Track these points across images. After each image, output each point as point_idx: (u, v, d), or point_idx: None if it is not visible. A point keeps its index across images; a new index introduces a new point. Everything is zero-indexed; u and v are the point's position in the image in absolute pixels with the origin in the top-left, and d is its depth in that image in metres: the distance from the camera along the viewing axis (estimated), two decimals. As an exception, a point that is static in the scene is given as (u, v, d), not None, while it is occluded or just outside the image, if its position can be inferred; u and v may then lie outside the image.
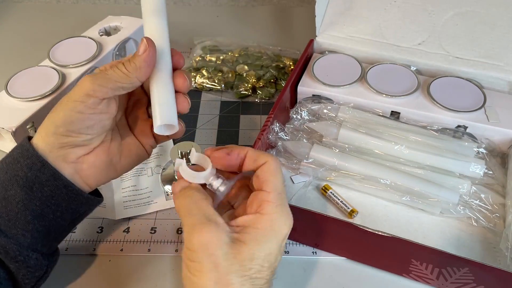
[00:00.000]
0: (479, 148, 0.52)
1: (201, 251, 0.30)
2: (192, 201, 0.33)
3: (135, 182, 0.54)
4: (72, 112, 0.36)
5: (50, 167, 0.36)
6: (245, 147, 0.36)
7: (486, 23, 0.58)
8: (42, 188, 0.36)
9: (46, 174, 0.36)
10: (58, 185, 0.37)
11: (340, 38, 0.64)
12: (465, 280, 0.41)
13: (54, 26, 0.85)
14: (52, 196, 0.37)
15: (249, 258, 0.31)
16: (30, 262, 0.37)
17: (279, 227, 0.33)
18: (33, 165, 0.36)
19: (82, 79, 0.36)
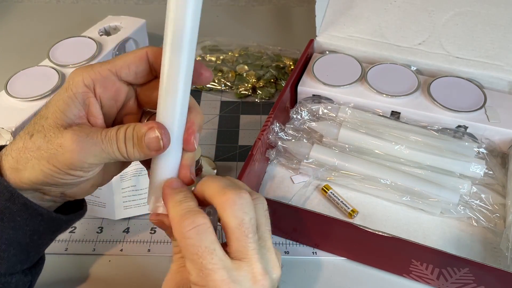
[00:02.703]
0: (479, 148, 0.52)
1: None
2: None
3: (135, 182, 0.54)
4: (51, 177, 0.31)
5: (21, 197, 0.32)
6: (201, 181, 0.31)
7: (486, 23, 0.58)
8: (13, 218, 0.32)
9: (17, 204, 0.32)
10: (31, 214, 0.33)
11: (340, 38, 0.64)
12: (465, 280, 0.41)
13: (54, 26, 0.85)
14: (27, 224, 0.33)
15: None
16: (11, 285, 0.35)
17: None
18: (1, 195, 0.32)
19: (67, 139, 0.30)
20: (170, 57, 0.29)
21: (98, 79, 0.32)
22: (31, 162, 0.31)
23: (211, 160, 0.57)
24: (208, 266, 0.27)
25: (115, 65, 0.32)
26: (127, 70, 0.32)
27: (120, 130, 0.31)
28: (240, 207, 0.28)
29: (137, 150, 0.31)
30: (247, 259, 0.28)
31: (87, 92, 0.32)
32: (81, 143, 0.30)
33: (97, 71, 0.32)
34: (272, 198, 0.44)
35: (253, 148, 0.49)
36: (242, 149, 0.60)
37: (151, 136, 0.30)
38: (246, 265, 0.28)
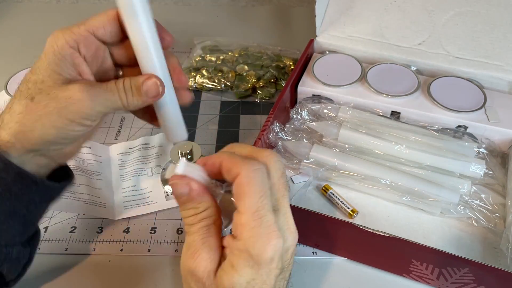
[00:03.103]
0: (479, 148, 0.52)
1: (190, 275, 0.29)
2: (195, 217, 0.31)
3: (135, 182, 0.54)
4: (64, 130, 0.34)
5: (14, 166, 0.33)
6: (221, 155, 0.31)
7: (486, 23, 0.58)
8: (9, 188, 0.34)
9: (11, 174, 0.34)
10: (26, 183, 0.35)
11: (340, 38, 0.64)
12: (465, 280, 0.41)
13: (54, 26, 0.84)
14: (22, 194, 0.35)
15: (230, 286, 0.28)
16: (12, 256, 0.36)
17: (257, 253, 0.28)
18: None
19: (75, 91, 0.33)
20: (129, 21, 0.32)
21: (80, 40, 0.34)
22: (41, 121, 0.33)
23: None
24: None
25: (91, 25, 0.34)
26: (102, 30, 0.35)
27: (118, 82, 0.34)
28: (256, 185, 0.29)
29: (136, 98, 0.34)
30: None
31: (74, 52, 0.34)
32: (89, 93, 0.33)
33: (77, 32, 0.34)
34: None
35: (253, 148, 0.49)
36: (242, 149, 0.60)
37: (149, 84, 0.33)
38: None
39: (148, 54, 0.33)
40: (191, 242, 0.30)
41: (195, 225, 0.30)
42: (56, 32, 0.35)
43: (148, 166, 0.56)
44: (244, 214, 0.29)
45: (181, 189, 0.30)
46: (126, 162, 0.55)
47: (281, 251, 0.29)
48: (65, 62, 0.34)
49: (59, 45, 0.34)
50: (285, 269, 0.31)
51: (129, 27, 0.33)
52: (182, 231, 0.50)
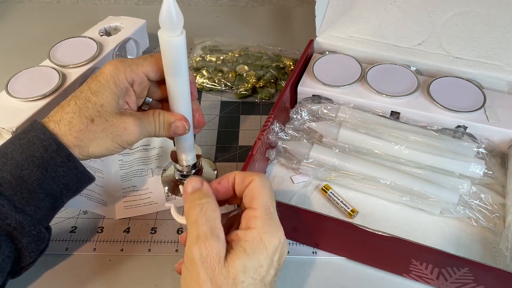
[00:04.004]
0: (479, 148, 0.52)
1: (200, 262, 0.32)
2: (201, 211, 0.34)
3: (136, 183, 0.54)
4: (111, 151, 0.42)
5: (65, 149, 0.39)
6: (233, 172, 0.38)
7: (486, 23, 0.58)
8: (56, 168, 0.39)
9: (61, 155, 0.39)
10: (70, 167, 0.40)
11: (340, 38, 0.64)
12: (465, 280, 0.41)
13: (54, 26, 0.85)
14: (64, 176, 0.40)
15: (241, 270, 0.32)
16: (40, 235, 0.39)
17: (267, 240, 0.33)
18: (49, 147, 0.38)
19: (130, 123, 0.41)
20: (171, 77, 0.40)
21: (136, 79, 0.42)
22: (96, 141, 0.40)
23: (211, 161, 0.58)
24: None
25: (147, 69, 0.42)
26: (154, 74, 0.42)
27: (155, 116, 0.43)
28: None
29: (165, 131, 0.43)
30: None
31: (130, 88, 0.42)
32: (139, 127, 0.41)
33: (136, 73, 0.42)
34: (272, 198, 0.44)
35: (253, 148, 0.49)
36: (242, 149, 0.60)
37: (178, 124, 0.43)
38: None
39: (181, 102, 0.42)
40: (200, 232, 0.33)
41: (203, 217, 0.33)
42: (117, 64, 0.41)
43: (149, 167, 0.56)
44: (257, 209, 0.35)
45: (195, 183, 0.36)
46: (126, 163, 0.56)
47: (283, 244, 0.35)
48: (122, 95, 0.41)
49: (120, 79, 0.41)
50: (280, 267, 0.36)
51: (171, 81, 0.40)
52: (183, 231, 0.50)
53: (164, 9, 0.34)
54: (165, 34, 0.36)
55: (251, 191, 0.36)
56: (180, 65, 0.38)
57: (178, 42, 0.37)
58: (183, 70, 0.39)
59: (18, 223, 0.37)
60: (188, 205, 0.35)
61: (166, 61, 0.38)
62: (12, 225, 0.37)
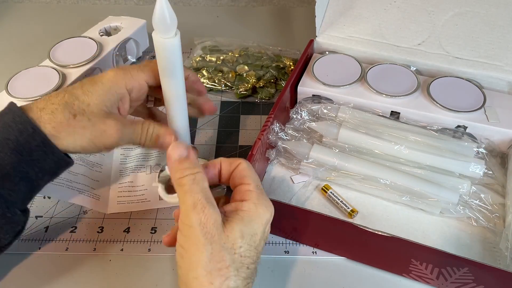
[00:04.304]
0: (478, 148, 0.52)
1: (200, 228, 0.33)
2: (194, 181, 0.35)
3: (133, 179, 0.55)
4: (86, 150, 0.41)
5: (41, 133, 0.38)
6: (218, 159, 0.40)
7: (486, 23, 0.58)
8: (31, 152, 0.38)
9: (37, 140, 0.38)
10: (46, 151, 0.39)
11: (340, 38, 0.64)
12: (465, 280, 0.41)
13: (54, 26, 0.85)
14: (39, 161, 0.39)
15: (239, 236, 0.34)
16: (15, 218, 0.40)
17: (262, 211, 0.36)
18: (24, 130, 0.38)
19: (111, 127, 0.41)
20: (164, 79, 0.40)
21: (136, 86, 0.43)
22: (74, 137, 0.40)
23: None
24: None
25: (149, 75, 0.43)
26: (154, 80, 0.43)
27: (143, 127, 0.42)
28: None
29: (152, 144, 0.43)
30: None
31: (126, 94, 0.43)
32: (120, 132, 0.41)
33: (137, 80, 0.43)
34: (272, 198, 0.44)
35: (253, 148, 0.49)
36: (242, 149, 0.60)
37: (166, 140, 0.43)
38: None
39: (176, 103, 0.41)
40: (196, 201, 0.34)
41: (197, 186, 0.35)
42: (118, 71, 0.42)
43: (148, 164, 0.56)
44: (250, 185, 0.37)
45: (181, 152, 0.37)
46: (128, 158, 0.56)
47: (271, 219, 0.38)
48: (115, 98, 0.42)
49: (119, 85, 0.42)
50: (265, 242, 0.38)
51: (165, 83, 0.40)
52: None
53: (157, 10, 0.34)
54: (159, 36, 0.36)
55: (240, 172, 0.38)
56: (175, 66, 0.38)
57: (172, 43, 0.37)
58: (177, 72, 0.39)
59: None
60: (179, 174, 0.36)
61: (160, 63, 0.38)
62: None
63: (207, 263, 0.33)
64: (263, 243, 0.37)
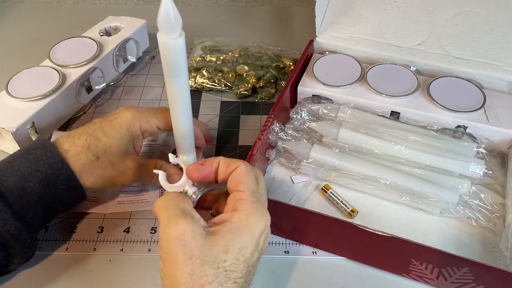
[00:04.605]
0: (478, 148, 0.52)
1: (176, 242, 0.32)
2: (169, 199, 0.36)
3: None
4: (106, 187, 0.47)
5: (69, 169, 0.42)
6: (218, 157, 0.39)
7: (486, 23, 0.58)
8: (57, 185, 0.42)
9: (64, 174, 0.42)
10: (70, 186, 0.43)
11: (340, 38, 0.64)
12: (465, 280, 0.41)
13: (54, 26, 0.85)
14: (62, 193, 0.43)
15: (223, 250, 0.32)
16: (32, 244, 0.42)
17: (254, 222, 0.34)
18: (54, 164, 0.42)
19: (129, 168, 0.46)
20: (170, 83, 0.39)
21: (148, 129, 0.47)
22: (95, 177, 0.44)
23: None
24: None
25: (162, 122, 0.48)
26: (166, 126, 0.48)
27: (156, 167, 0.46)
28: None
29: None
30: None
31: (140, 136, 0.47)
32: (136, 172, 0.46)
33: (150, 124, 0.47)
34: (272, 198, 0.44)
35: (253, 148, 0.49)
36: (242, 149, 0.60)
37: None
38: None
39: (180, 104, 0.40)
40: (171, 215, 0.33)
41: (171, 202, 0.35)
42: (135, 113, 0.46)
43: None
44: (245, 192, 0.35)
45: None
46: None
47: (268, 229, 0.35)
48: (131, 139, 0.46)
49: (135, 127, 0.46)
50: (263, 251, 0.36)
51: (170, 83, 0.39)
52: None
53: (162, 11, 0.34)
54: (164, 37, 0.36)
55: (237, 176, 0.36)
56: (180, 67, 0.38)
57: (177, 44, 0.36)
58: (182, 72, 0.39)
59: (16, 230, 0.40)
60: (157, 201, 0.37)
61: (165, 63, 0.38)
62: (10, 232, 0.39)
63: (189, 281, 0.31)
64: (256, 256, 0.34)
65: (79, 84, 0.62)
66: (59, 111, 0.60)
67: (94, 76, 0.65)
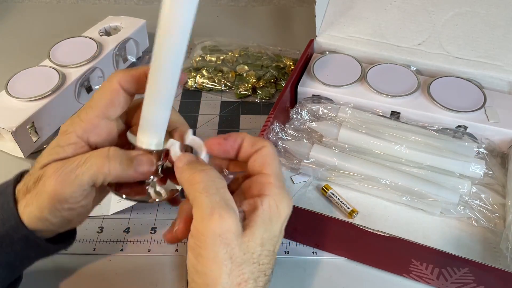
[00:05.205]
0: (479, 148, 0.52)
1: (219, 240, 0.28)
2: (209, 178, 0.30)
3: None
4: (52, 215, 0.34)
5: (25, 229, 0.34)
6: (242, 133, 0.35)
7: (486, 23, 0.58)
8: (12, 245, 0.34)
9: (19, 233, 0.34)
10: (30, 245, 0.35)
11: (340, 38, 0.64)
12: (465, 280, 0.41)
13: (54, 26, 0.85)
14: (22, 251, 0.35)
15: (260, 243, 0.30)
16: None
17: (283, 208, 0.31)
18: (7, 222, 0.34)
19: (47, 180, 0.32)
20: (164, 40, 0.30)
21: (90, 128, 0.34)
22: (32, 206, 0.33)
23: None
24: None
25: (100, 109, 0.34)
26: (113, 109, 0.34)
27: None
28: None
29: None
30: None
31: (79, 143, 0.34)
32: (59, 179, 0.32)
33: (87, 120, 0.34)
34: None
35: (253, 148, 0.49)
36: (242, 149, 0.60)
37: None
38: None
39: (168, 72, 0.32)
40: (214, 205, 0.28)
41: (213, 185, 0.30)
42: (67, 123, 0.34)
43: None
44: (271, 176, 0.32)
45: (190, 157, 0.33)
46: None
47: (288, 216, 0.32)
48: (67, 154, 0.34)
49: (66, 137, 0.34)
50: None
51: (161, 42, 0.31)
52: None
53: None
54: None
55: (262, 157, 0.33)
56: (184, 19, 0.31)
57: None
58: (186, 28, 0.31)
59: None
60: (188, 172, 0.31)
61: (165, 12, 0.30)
62: None
63: (226, 281, 0.28)
64: (279, 243, 0.32)
65: (79, 84, 0.62)
66: (58, 111, 0.60)
67: (94, 76, 0.64)
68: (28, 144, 0.56)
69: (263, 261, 0.30)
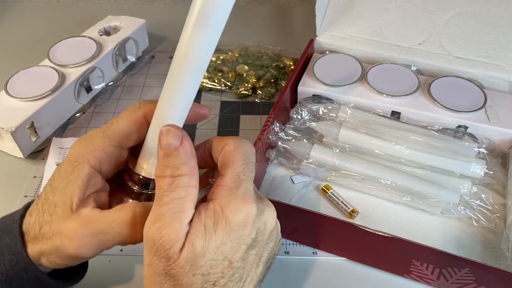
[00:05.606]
0: (479, 148, 0.52)
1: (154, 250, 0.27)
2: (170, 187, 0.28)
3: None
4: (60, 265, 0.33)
5: (35, 270, 0.32)
6: (212, 137, 0.33)
7: (487, 23, 0.58)
8: (22, 286, 0.33)
9: (29, 275, 0.32)
10: (40, 284, 0.34)
11: (340, 38, 0.64)
12: (465, 281, 0.41)
13: (54, 26, 0.85)
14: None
15: (201, 254, 0.27)
16: None
17: (230, 211, 0.28)
18: (16, 263, 0.32)
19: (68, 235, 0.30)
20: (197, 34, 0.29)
21: (104, 157, 0.32)
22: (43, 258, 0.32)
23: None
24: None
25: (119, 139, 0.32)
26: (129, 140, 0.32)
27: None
28: None
29: None
30: None
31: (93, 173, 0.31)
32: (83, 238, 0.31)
33: (101, 149, 0.31)
34: (272, 198, 0.44)
35: (253, 148, 0.48)
36: (242, 149, 0.60)
37: None
38: None
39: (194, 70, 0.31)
40: (159, 215, 0.27)
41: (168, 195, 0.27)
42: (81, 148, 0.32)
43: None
44: (225, 176, 0.29)
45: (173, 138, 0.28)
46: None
47: (254, 219, 0.29)
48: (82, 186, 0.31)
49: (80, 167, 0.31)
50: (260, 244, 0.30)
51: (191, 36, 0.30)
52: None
53: None
54: None
55: (223, 156, 0.30)
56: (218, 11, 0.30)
57: None
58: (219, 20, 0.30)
59: None
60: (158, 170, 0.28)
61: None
62: None
63: None
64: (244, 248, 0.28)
65: (78, 84, 0.62)
66: (58, 111, 0.60)
67: (93, 76, 0.64)
68: (28, 144, 0.56)
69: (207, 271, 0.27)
